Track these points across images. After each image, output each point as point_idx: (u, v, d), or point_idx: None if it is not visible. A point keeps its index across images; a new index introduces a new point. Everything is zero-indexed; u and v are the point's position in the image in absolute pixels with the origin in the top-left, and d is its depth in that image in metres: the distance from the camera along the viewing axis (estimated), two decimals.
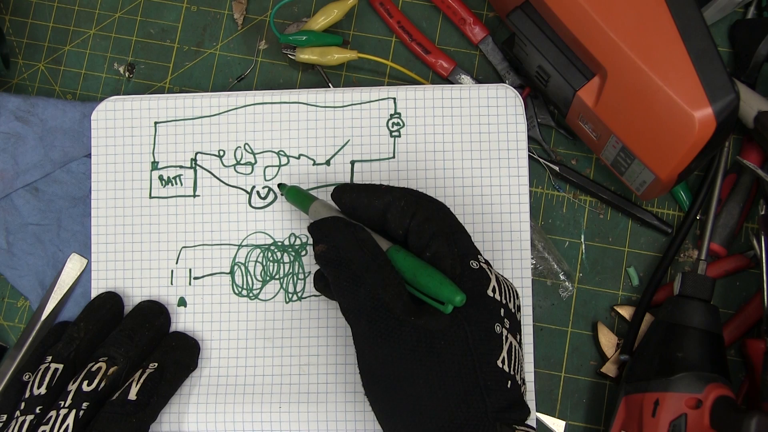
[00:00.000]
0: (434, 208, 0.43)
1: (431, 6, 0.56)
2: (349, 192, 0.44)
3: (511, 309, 0.41)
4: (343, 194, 0.44)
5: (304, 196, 0.48)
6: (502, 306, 0.40)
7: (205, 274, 0.52)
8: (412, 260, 0.41)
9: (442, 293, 0.39)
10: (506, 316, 0.40)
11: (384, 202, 0.43)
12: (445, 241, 0.41)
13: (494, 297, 0.40)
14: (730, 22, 0.54)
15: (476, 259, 0.41)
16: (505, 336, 0.40)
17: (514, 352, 0.40)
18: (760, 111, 0.50)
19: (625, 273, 0.53)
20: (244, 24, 0.57)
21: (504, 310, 0.40)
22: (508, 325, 0.40)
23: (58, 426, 0.43)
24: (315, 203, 0.47)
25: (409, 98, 0.52)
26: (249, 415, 0.49)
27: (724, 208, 0.52)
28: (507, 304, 0.41)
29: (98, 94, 0.57)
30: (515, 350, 0.40)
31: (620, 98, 0.45)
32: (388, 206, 0.43)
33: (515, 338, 0.40)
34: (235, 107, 0.53)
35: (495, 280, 0.41)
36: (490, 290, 0.40)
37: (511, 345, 0.40)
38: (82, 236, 0.54)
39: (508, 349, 0.39)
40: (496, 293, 0.40)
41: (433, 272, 0.40)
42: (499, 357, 0.39)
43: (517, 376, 0.40)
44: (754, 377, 0.49)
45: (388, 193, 0.43)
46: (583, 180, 0.53)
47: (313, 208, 0.46)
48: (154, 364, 0.47)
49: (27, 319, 0.55)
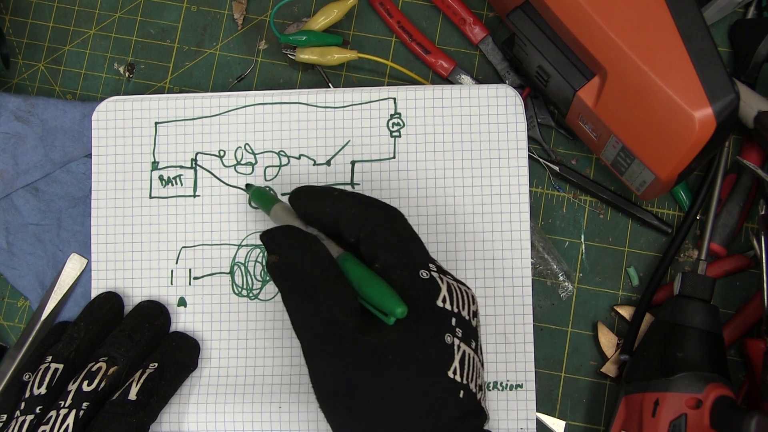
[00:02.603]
0: (385, 217, 0.42)
1: (431, 6, 0.57)
2: (304, 197, 0.44)
3: (465, 317, 0.40)
4: (298, 199, 0.44)
5: (268, 199, 0.48)
6: (453, 315, 0.40)
7: (205, 274, 0.52)
8: (359, 270, 0.40)
9: (384, 304, 0.39)
10: (458, 325, 0.40)
11: (336, 210, 0.42)
12: (394, 252, 0.41)
13: (444, 307, 0.39)
14: (730, 22, 0.54)
15: (426, 269, 0.40)
16: (456, 345, 0.39)
17: (468, 361, 0.40)
18: (760, 111, 0.50)
19: (625, 273, 0.53)
20: (244, 24, 0.57)
21: (456, 319, 0.40)
22: (460, 334, 0.40)
23: (58, 426, 0.43)
24: (276, 206, 0.46)
25: (409, 98, 0.52)
26: (249, 415, 0.49)
27: (724, 208, 0.52)
28: (460, 312, 0.40)
29: (98, 94, 0.57)
30: (469, 358, 0.40)
31: (620, 98, 0.45)
32: (340, 214, 0.42)
33: (469, 346, 0.40)
34: (235, 107, 0.53)
35: (446, 288, 0.40)
36: (440, 300, 0.40)
37: (464, 354, 0.39)
38: (82, 236, 0.54)
39: (460, 359, 0.39)
40: (447, 303, 0.40)
41: (377, 283, 0.39)
42: (450, 367, 0.39)
43: (471, 385, 0.39)
44: (754, 377, 0.49)
45: (340, 200, 0.42)
46: (583, 180, 0.53)
47: (274, 211, 0.46)
48: (154, 364, 0.47)
49: (27, 319, 0.55)
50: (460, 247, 0.51)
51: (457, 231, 0.51)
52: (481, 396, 0.40)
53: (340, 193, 0.43)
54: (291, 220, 0.44)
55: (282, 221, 0.45)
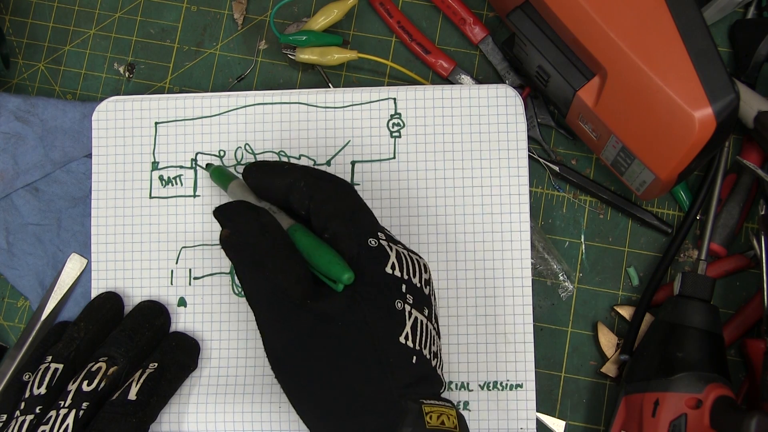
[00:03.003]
0: (333, 188, 0.43)
1: (431, 6, 0.57)
2: (255, 172, 0.45)
3: (416, 284, 0.41)
4: (250, 174, 0.45)
5: (225, 176, 0.49)
6: (403, 282, 0.40)
7: (205, 274, 0.52)
8: (308, 239, 0.41)
9: (331, 271, 0.39)
10: (409, 292, 0.40)
11: (286, 183, 0.43)
12: (343, 222, 0.41)
13: (393, 274, 0.40)
14: (730, 22, 0.54)
15: (375, 237, 0.41)
16: (408, 312, 0.40)
17: (420, 327, 0.40)
18: (760, 111, 0.50)
19: (625, 273, 0.53)
20: (244, 24, 0.57)
21: (406, 285, 0.40)
22: (411, 300, 0.40)
23: (58, 426, 0.43)
24: (232, 183, 0.47)
25: (409, 98, 0.52)
26: (249, 415, 0.49)
27: (724, 208, 0.52)
28: (410, 279, 0.41)
29: (98, 94, 0.57)
30: (422, 324, 0.40)
31: (620, 98, 0.45)
32: (290, 187, 0.43)
33: (422, 313, 0.41)
34: (235, 107, 0.53)
35: (395, 255, 0.41)
36: (389, 267, 0.40)
37: (416, 320, 0.40)
38: (82, 236, 0.54)
39: (412, 325, 0.40)
40: (396, 269, 0.40)
41: (325, 251, 0.40)
42: (402, 333, 0.39)
43: (424, 351, 0.40)
44: (754, 377, 0.49)
45: (290, 174, 0.43)
46: (583, 180, 0.53)
47: (231, 188, 0.47)
48: (154, 364, 0.47)
49: (27, 319, 0.55)
50: (460, 248, 0.51)
51: (457, 231, 0.51)
52: (436, 363, 0.41)
53: (290, 167, 0.44)
54: (246, 196, 0.45)
55: (238, 197, 0.46)
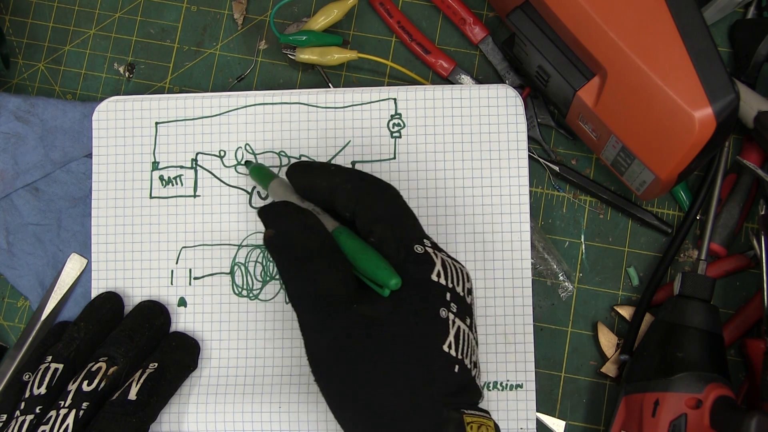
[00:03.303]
0: (380, 192, 0.42)
1: (431, 6, 0.57)
2: (300, 171, 0.44)
3: (459, 293, 0.41)
4: (294, 173, 0.45)
5: (266, 174, 0.48)
6: (448, 290, 0.40)
7: (205, 274, 0.52)
8: (353, 243, 0.41)
9: (378, 276, 0.39)
10: (453, 300, 0.40)
11: (331, 184, 0.43)
12: (389, 226, 0.41)
13: (439, 281, 0.40)
14: (730, 22, 0.54)
15: (421, 244, 0.41)
16: (451, 320, 0.39)
17: (462, 336, 0.40)
18: (760, 111, 0.50)
19: (625, 273, 0.53)
20: (244, 24, 0.57)
21: (450, 294, 0.40)
22: (455, 309, 0.40)
23: (58, 426, 0.43)
24: (273, 182, 0.47)
25: (409, 99, 0.52)
26: (249, 415, 0.49)
27: (724, 208, 0.52)
28: (455, 288, 0.40)
29: (98, 94, 0.57)
30: (464, 334, 0.40)
31: (620, 98, 0.45)
32: (336, 189, 0.43)
33: (464, 322, 0.40)
34: (236, 107, 0.53)
35: (441, 264, 0.40)
36: (435, 275, 0.40)
37: (459, 329, 0.40)
38: (82, 236, 0.54)
39: (455, 334, 0.39)
40: (441, 277, 0.40)
41: (372, 255, 0.40)
42: (445, 342, 0.39)
43: (466, 360, 0.40)
44: (754, 377, 0.49)
45: (336, 175, 0.43)
46: (583, 180, 0.53)
47: (271, 187, 0.46)
48: (154, 364, 0.47)
49: (27, 319, 0.55)
50: (460, 248, 0.51)
51: (457, 231, 0.51)
52: (475, 373, 0.41)
53: (336, 168, 0.43)
54: (288, 196, 0.45)
55: (279, 197, 0.45)
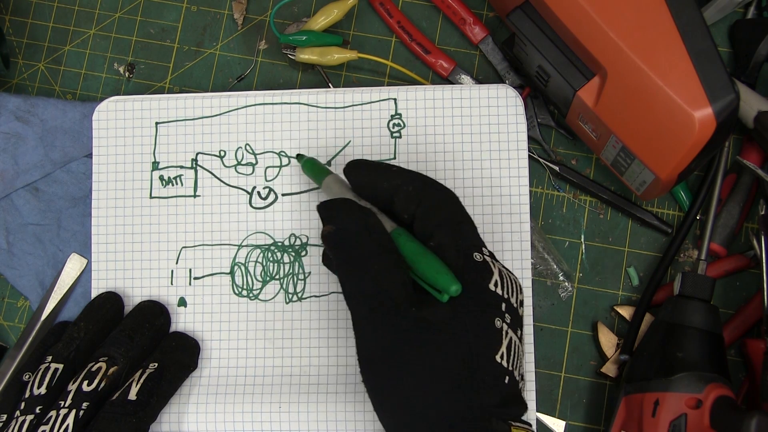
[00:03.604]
0: (442, 196, 0.42)
1: (431, 6, 0.57)
2: (360, 170, 0.44)
3: (513, 304, 0.41)
4: (354, 171, 0.44)
5: (319, 169, 0.48)
6: (503, 300, 0.40)
7: (205, 274, 0.52)
8: (413, 245, 0.40)
9: (438, 281, 0.39)
10: (507, 311, 0.40)
11: (392, 185, 0.43)
12: (450, 232, 0.41)
13: (496, 291, 0.40)
14: (730, 22, 0.54)
15: (480, 252, 0.41)
16: (505, 331, 0.39)
17: (513, 348, 0.40)
18: (760, 111, 0.50)
19: (625, 273, 0.53)
20: (244, 24, 0.57)
21: (505, 304, 0.40)
22: (509, 320, 0.40)
23: (58, 426, 0.43)
24: (328, 177, 0.46)
25: (409, 99, 0.52)
26: (249, 415, 0.49)
27: (724, 208, 0.52)
28: (509, 298, 0.40)
29: (98, 94, 0.57)
30: (515, 346, 0.40)
31: (620, 98, 0.45)
32: (396, 190, 0.42)
33: (516, 334, 0.40)
34: (236, 107, 0.53)
35: (498, 273, 0.40)
36: (492, 284, 0.40)
37: (510, 340, 0.40)
38: (82, 236, 0.54)
39: (507, 345, 0.39)
40: (498, 287, 0.40)
41: (432, 259, 0.39)
42: (498, 352, 0.39)
43: (515, 372, 0.40)
44: (754, 377, 0.49)
45: (398, 176, 0.43)
46: (583, 180, 0.53)
47: (326, 183, 0.46)
48: (154, 364, 0.47)
49: (27, 319, 0.55)
50: None
51: None
52: (522, 385, 0.40)
53: (398, 169, 0.43)
54: (344, 193, 0.44)
55: (334, 193, 0.45)
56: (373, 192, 0.43)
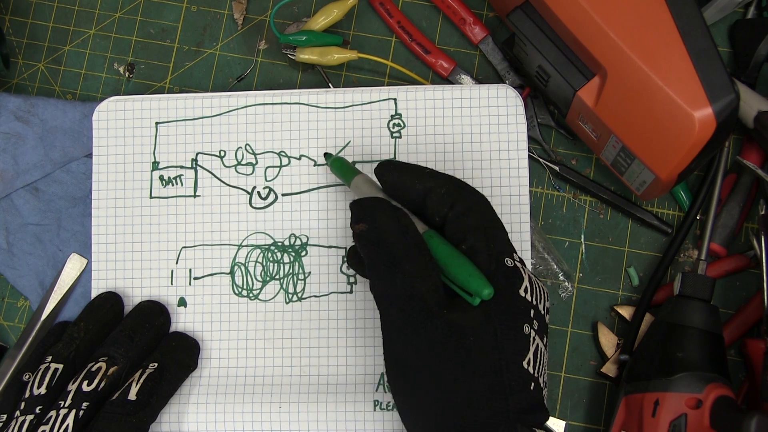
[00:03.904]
0: (474, 200, 0.42)
1: (431, 6, 0.57)
2: (392, 170, 0.44)
3: (541, 311, 0.41)
4: (386, 171, 0.44)
5: (348, 169, 0.48)
6: (532, 307, 0.40)
7: (205, 274, 0.52)
8: (445, 248, 0.40)
9: (471, 285, 0.39)
10: (536, 318, 0.40)
11: (425, 187, 0.42)
12: (482, 236, 0.41)
13: (525, 297, 0.40)
14: (730, 22, 0.54)
15: (511, 257, 0.41)
16: (532, 337, 0.39)
17: (539, 354, 0.40)
18: (760, 111, 0.50)
19: (625, 273, 0.53)
20: (244, 24, 0.57)
21: (534, 311, 0.40)
22: (536, 326, 0.40)
23: (58, 426, 0.43)
24: (358, 177, 0.46)
25: (409, 99, 0.52)
26: (249, 415, 0.49)
27: (724, 208, 0.52)
28: (537, 305, 0.40)
29: (98, 94, 0.57)
30: (541, 352, 0.40)
31: (620, 98, 0.45)
32: (429, 192, 0.42)
33: (542, 340, 0.40)
34: (236, 107, 0.53)
35: (528, 280, 0.40)
36: (522, 290, 0.40)
37: (537, 347, 0.39)
38: (82, 236, 0.54)
39: (534, 351, 0.39)
40: (528, 293, 0.40)
41: (464, 262, 0.39)
42: (526, 358, 0.39)
43: (540, 379, 0.39)
44: (754, 377, 0.49)
45: (430, 179, 0.43)
46: (583, 180, 0.53)
47: (356, 182, 0.46)
48: (154, 364, 0.47)
49: (27, 319, 0.55)
50: None
51: None
52: (545, 393, 0.40)
53: (431, 172, 0.43)
54: (374, 193, 0.44)
55: (364, 193, 0.45)
56: (405, 193, 0.43)
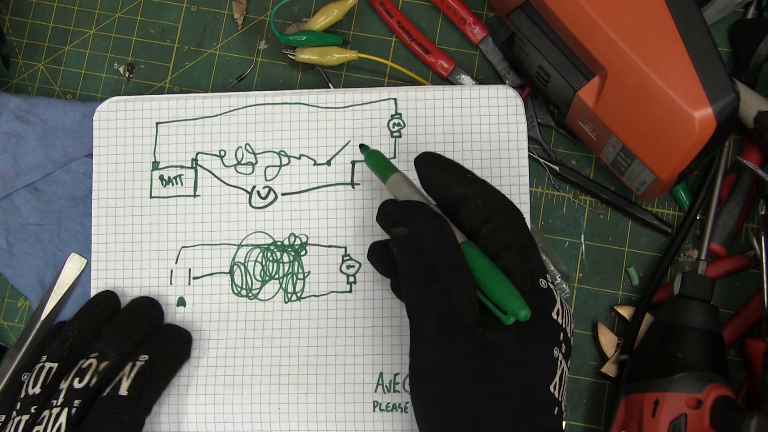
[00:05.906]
0: (511, 216, 0.41)
1: (431, 6, 0.57)
2: (433, 166, 0.42)
3: (568, 334, 0.40)
4: (426, 167, 0.43)
5: (385, 165, 0.46)
6: (562, 330, 0.39)
7: (205, 273, 0.52)
8: (484, 262, 0.39)
9: (508, 304, 0.37)
10: (564, 341, 0.39)
11: (462, 193, 0.41)
12: (518, 254, 0.39)
13: (557, 320, 0.39)
14: (730, 22, 0.54)
15: (545, 278, 0.40)
16: (560, 361, 0.39)
17: (564, 379, 0.39)
18: (760, 111, 0.50)
19: (625, 273, 0.53)
20: (244, 24, 0.57)
21: (563, 334, 0.39)
22: (564, 350, 0.39)
23: (51, 425, 0.43)
24: (395, 175, 0.45)
25: (409, 99, 0.52)
26: (248, 415, 0.49)
27: (724, 208, 0.52)
28: (566, 328, 0.40)
29: (98, 94, 0.57)
30: (565, 377, 0.39)
31: (620, 98, 0.45)
32: (465, 198, 0.41)
33: (566, 364, 0.40)
34: (236, 107, 0.53)
35: (559, 302, 0.40)
36: (555, 312, 0.39)
37: (563, 371, 0.39)
38: (82, 236, 0.55)
39: (560, 375, 0.39)
40: (559, 316, 0.39)
41: (503, 279, 0.38)
42: (552, 382, 0.38)
43: (563, 403, 0.39)
44: (754, 377, 0.49)
45: (469, 185, 0.41)
46: (583, 180, 0.53)
47: (393, 180, 0.44)
48: (145, 357, 0.46)
49: (27, 319, 0.55)
50: None
51: None
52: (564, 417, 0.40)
53: (472, 177, 0.42)
54: (412, 194, 0.43)
55: (400, 192, 0.43)
56: (440, 193, 0.42)
